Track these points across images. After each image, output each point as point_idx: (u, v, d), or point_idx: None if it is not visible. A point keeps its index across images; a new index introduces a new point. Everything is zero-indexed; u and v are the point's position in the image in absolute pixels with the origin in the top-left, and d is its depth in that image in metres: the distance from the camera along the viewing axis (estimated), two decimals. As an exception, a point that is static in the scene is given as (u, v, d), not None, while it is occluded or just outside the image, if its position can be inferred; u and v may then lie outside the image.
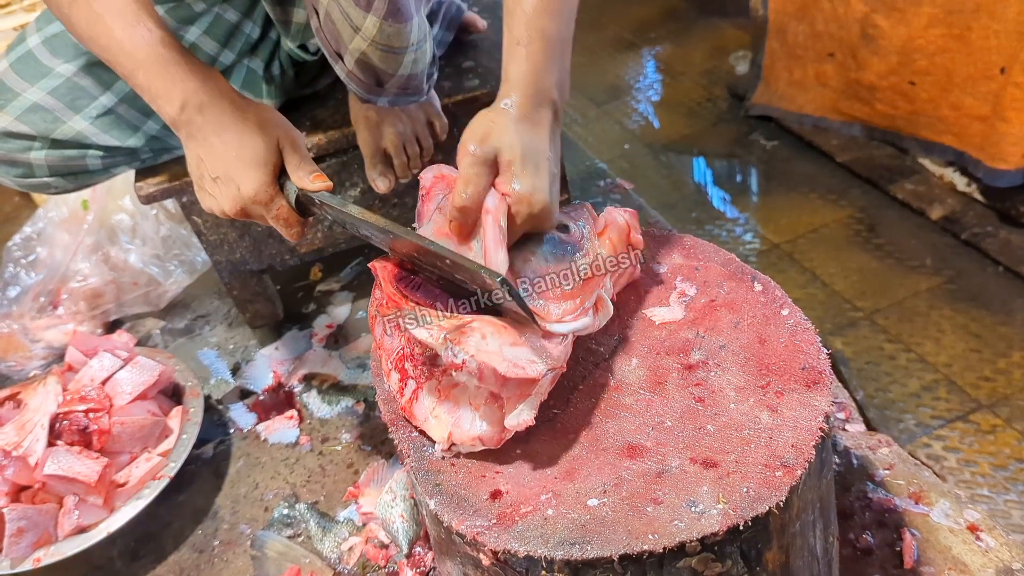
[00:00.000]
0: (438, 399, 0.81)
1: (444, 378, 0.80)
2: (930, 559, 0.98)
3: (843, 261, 1.85)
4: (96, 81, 1.25)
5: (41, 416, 1.22)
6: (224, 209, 0.99)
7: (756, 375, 0.81)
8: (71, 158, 1.27)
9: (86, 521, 1.19)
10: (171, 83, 0.97)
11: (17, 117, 1.22)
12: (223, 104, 0.98)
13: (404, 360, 0.83)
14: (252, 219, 1.01)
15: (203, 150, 0.99)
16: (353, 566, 1.16)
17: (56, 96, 1.24)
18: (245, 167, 0.96)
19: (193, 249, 1.82)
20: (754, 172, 2.22)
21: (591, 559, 0.68)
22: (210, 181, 0.99)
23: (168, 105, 0.98)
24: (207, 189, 1.01)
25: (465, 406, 0.79)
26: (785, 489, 0.70)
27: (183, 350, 1.66)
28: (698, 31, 2.93)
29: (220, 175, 0.98)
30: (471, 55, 1.51)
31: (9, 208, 2.48)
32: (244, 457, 1.39)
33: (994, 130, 1.78)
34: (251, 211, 0.99)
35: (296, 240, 1.01)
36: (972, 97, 1.81)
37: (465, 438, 0.79)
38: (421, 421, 0.82)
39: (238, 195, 0.97)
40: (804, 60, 2.19)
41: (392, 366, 0.85)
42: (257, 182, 0.96)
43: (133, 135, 1.29)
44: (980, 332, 1.62)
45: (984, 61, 1.76)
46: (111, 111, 1.26)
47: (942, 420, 1.48)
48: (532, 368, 0.74)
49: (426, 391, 0.82)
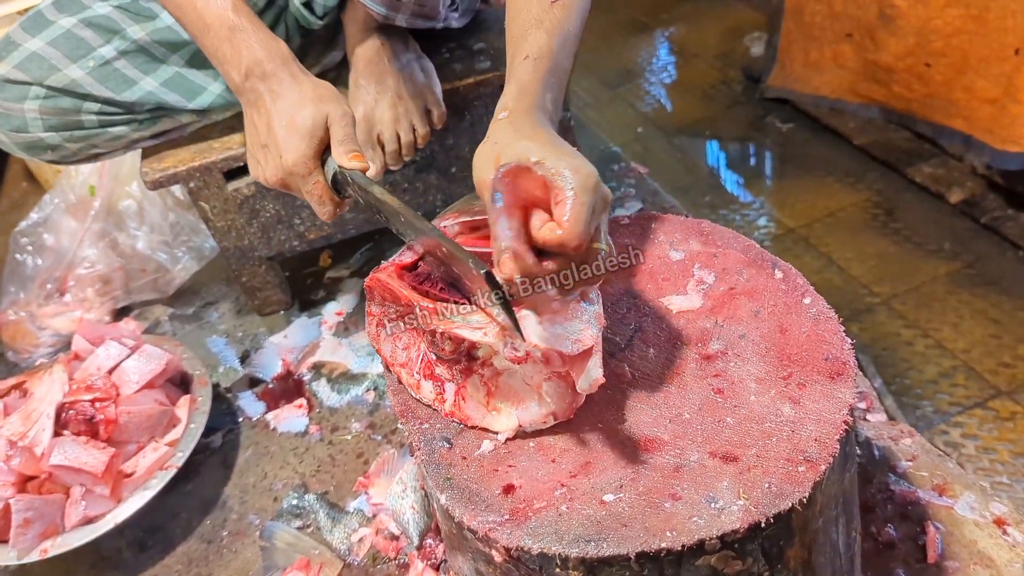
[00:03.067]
0: (489, 393, 0.78)
1: (486, 370, 0.78)
2: (954, 553, 0.96)
3: (860, 246, 1.82)
4: (97, 33, 1.27)
5: (47, 405, 1.21)
6: (267, 177, 1.01)
7: (777, 366, 0.78)
8: (66, 110, 1.28)
9: (93, 512, 1.17)
10: (238, 50, 1.00)
11: (15, 65, 1.26)
12: (283, 74, 1.00)
13: (432, 367, 0.81)
14: (291, 192, 1.02)
15: (259, 117, 1.01)
16: (363, 557, 1.14)
17: (55, 45, 1.27)
18: (291, 137, 0.97)
19: (201, 235, 1.81)
20: (769, 155, 2.19)
21: (607, 557, 0.66)
22: (259, 148, 1.01)
23: (234, 71, 1.01)
24: (256, 156, 1.03)
25: (524, 390, 0.77)
26: (808, 485, 0.67)
27: (191, 337, 1.65)
28: (712, 12, 2.88)
29: (268, 143, 0.99)
30: (482, 36, 1.48)
31: (16, 194, 2.46)
32: (253, 446, 1.37)
33: (1005, 112, 1.74)
34: (290, 183, 1.00)
35: (328, 219, 1.00)
36: (985, 79, 1.77)
37: (536, 419, 0.77)
38: (479, 420, 0.80)
39: (279, 164, 0.98)
40: (821, 41, 2.15)
41: (421, 376, 0.82)
42: (298, 153, 0.97)
43: (129, 89, 1.30)
44: (999, 318, 1.59)
45: (999, 42, 1.71)
46: (109, 63, 1.28)
47: (960, 407, 1.46)
48: (588, 336, 0.72)
49: (471, 389, 0.79)
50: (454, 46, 1.47)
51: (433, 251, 0.81)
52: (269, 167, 1.00)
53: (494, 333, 0.74)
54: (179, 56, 1.33)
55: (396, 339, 0.84)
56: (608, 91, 2.60)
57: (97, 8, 1.29)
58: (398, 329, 0.84)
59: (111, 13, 1.28)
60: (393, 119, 1.26)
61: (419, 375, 0.83)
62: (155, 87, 1.31)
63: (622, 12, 3.00)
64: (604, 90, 2.60)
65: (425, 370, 0.82)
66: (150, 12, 1.30)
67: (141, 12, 1.30)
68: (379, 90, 1.26)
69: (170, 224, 1.81)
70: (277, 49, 1.01)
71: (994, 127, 1.77)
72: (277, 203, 1.47)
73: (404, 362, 0.84)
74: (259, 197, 1.45)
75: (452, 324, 0.75)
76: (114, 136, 1.33)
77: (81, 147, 1.33)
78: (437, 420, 0.82)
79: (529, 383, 0.77)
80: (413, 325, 0.82)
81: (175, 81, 1.33)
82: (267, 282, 1.60)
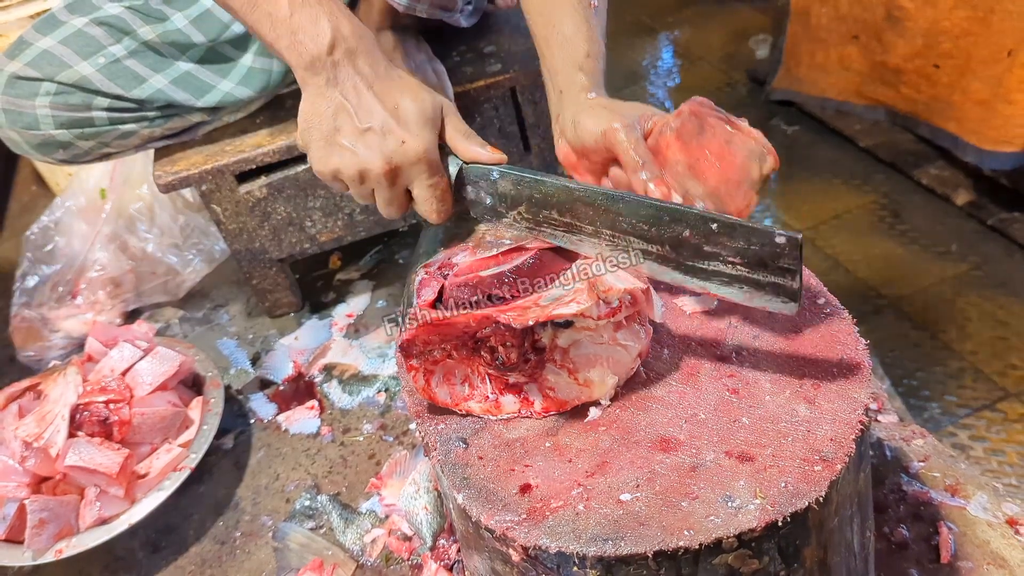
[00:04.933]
0: (571, 372, 0.79)
1: (556, 354, 0.79)
2: (967, 553, 0.96)
3: (867, 247, 1.83)
4: (107, 32, 1.29)
5: (61, 407, 1.22)
6: (367, 166, 0.88)
7: (792, 366, 0.79)
8: (76, 106, 1.29)
9: (107, 512, 1.18)
10: (320, 19, 0.88)
11: (27, 63, 1.28)
12: (377, 55, 0.90)
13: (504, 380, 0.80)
14: (392, 184, 0.90)
15: (352, 97, 0.88)
16: (376, 558, 1.15)
17: (66, 43, 1.29)
18: (413, 121, 0.87)
19: (211, 238, 1.82)
20: (775, 158, 2.19)
21: (625, 555, 0.67)
22: (354, 133, 0.88)
23: (312, 43, 0.88)
24: (343, 143, 0.89)
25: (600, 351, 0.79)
26: (825, 484, 0.68)
27: (202, 340, 1.66)
28: (717, 15, 2.89)
29: (376, 126, 0.87)
30: (492, 39, 1.49)
31: (26, 198, 2.47)
32: (265, 448, 1.38)
33: (996, 113, 1.74)
34: (407, 173, 0.89)
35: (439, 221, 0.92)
36: (980, 81, 1.78)
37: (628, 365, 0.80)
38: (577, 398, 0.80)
39: (399, 150, 0.87)
40: (827, 43, 2.15)
41: (496, 395, 0.81)
42: (428, 141, 0.88)
43: (139, 86, 1.31)
44: (1007, 319, 1.59)
45: (997, 44, 1.72)
46: (119, 61, 1.30)
47: (968, 409, 1.46)
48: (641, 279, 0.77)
49: (553, 378, 0.80)
50: (464, 49, 1.48)
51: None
52: (378, 154, 0.87)
53: (584, 298, 0.74)
54: (189, 56, 1.34)
55: (450, 379, 0.82)
56: (613, 94, 2.58)
57: (108, 8, 1.30)
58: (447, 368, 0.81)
59: (122, 13, 1.30)
60: None
61: (494, 395, 0.81)
62: (164, 85, 1.33)
63: (627, 15, 3.01)
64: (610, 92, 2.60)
65: (498, 387, 0.81)
66: (161, 14, 1.32)
67: (151, 13, 1.31)
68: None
69: (180, 227, 1.81)
70: (363, 28, 0.91)
71: (982, 127, 1.78)
72: (288, 206, 1.48)
73: (468, 395, 0.82)
74: (270, 200, 1.46)
75: (544, 310, 0.75)
76: (124, 134, 1.34)
77: (92, 145, 1.34)
78: (453, 420, 0.83)
79: (601, 342, 0.78)
80: (463, 355, 0.80)
81: (184, 79, 1.34)
82: (278, 284, 1.60)
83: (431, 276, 0.80)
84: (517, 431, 0.80)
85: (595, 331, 0.78)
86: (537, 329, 0.78)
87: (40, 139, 1.32)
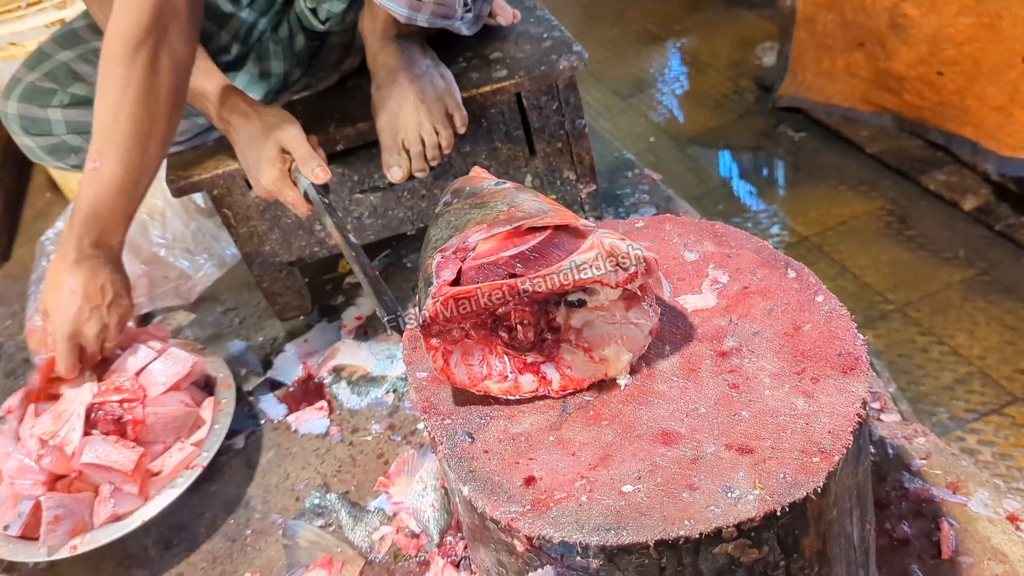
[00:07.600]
0: (587, 350, 0.81)
1: (571, 334, 0.81)
2: (968, 549, 0.97)
3: (874, 253, 1.83)
4: None
5: (77, 406, 1.24)
6: (260, 195, 1.31)
7: (791, 361, 0.80)
8: (87, 111, 1.31)
9: (121, 509, 1.20)
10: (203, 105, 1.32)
11: (44, 73, 1.35)
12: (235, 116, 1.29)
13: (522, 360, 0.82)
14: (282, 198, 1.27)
15: (235, 149, 1.32)
16: (384, 555, 1.16)
17: (85, 60, 1.36)
18: (261, 164, 1.26)
19: (222, 242, 1.84)
20: (782, 164, 2.20)
21: (627, 545, 0.68)
22: (247, 172, 1.31)
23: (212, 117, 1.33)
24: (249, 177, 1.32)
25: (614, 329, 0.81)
26: (822, 475, 0.69)
27: (213, 343, 1.68)
28: (724, 23, 2.91)
29: (247, 168, 1.31)
30: (498, 46, 1.51)
31: (40, 204, 2.51)
32: (275, 447, 1.39)
33: (1012, 119, 1.75)
34: (274, 197, 1.29)
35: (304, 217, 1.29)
36: (995, 87, 1.79)
37: (641, 342, 0.82)
38: (594, 376, 0.82)
39: (260, 185, 1.28)
40: (833, 50, 2.16)
41: (516, 374, 0.82)
42: (268, 176, 1.25)
43: None
44: (1015, 324, 1.60)
45: (1009, 49, 1.73)
46: None
47: (976, 413, 1.47)
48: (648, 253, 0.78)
49: (569, 357, 0.82)
50: (471, 55, 1.50)
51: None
52: (256, 187, 1.29)
53: (603, 263, 0.76)
54: None
55: (467, 360, 0.83)
56: (620, 101, 2.62)
57: None
58: (465, 348, 0.82)
59: None
60: (416, 123, 1.28)
61: (513, 375, 0.82)
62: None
63: (634, 23, 3.03)
64: (616, 100, 2.63)
65: (517, 367, 0.82)
66: None
67: None
68: (400, 97, 1.29)
69: (192, 231, 1.84)
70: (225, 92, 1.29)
71: (999, 134, 1.79)
72: (299, 210, 1.50)
73: (487, 374, 0.83)
74: (280, 204, 1.48)
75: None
76: None
77: None
78: (459, 415, 0.84)
79: (614, 321, 0.80)
80: (481, 335, 0.81)
81: None
82: (288, 287, 1.62)
83: (448, 260, 0.81)
84: (522, 425, 0.82)
85: (607, 310, 0.80)
86: (551, 308, 0.80)
87: (53, 144, 1.35)
